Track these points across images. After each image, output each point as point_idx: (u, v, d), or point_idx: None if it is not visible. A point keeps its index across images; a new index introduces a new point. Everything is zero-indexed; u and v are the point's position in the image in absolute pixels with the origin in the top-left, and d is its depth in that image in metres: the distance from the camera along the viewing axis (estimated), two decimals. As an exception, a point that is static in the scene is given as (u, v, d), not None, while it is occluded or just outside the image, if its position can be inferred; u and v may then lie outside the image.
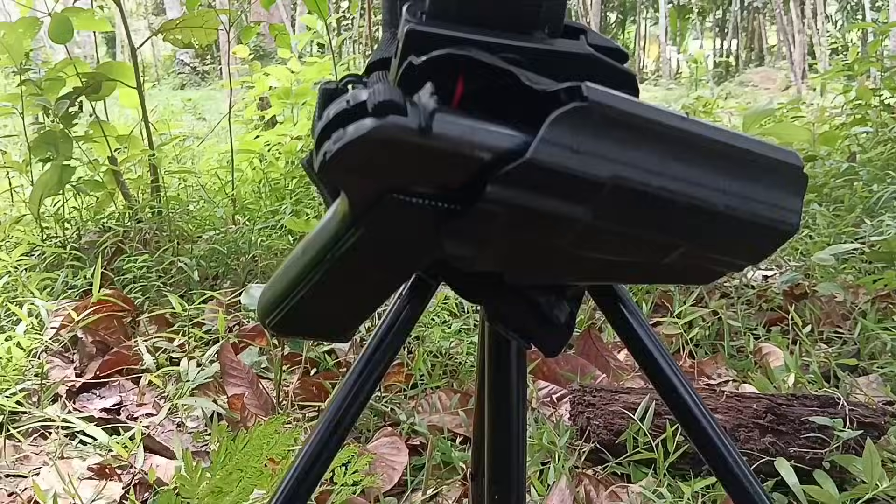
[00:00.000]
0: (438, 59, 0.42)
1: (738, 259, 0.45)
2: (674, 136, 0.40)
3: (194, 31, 2.98)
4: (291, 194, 3.40)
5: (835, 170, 3.81)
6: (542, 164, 0.38)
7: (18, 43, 2.75)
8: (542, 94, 0.41)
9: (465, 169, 0.40)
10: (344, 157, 0.39)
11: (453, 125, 0.39)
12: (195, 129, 8.06)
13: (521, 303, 0.52)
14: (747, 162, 0.42)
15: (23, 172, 2.98)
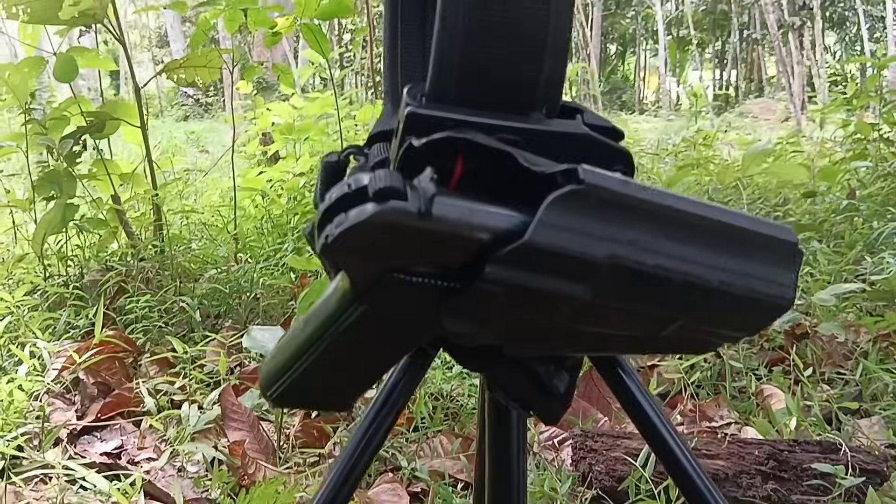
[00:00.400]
0: (438, 141, 0.43)
1: (735, 332, 0.46)
2: (668, 215, 0.41)
3: (198, 70, 3.01)
4: (293, 231, 3.41)
5: (835, 205, 3.83)
6: (540, 245, 0.39)
7: (24, 83, 2.78)
8: (539, 176, 0.42)
9: (464, 250, 0.41)
10: (345, 241, 0.40)
11: (452, 207, 0.40)
12: (198, 162, 8.11)
13: (520, 372, 0.53)
14: (741, 239, 0.43)
15: (26, 210, 2.99)
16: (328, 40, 2.75)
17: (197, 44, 2.79)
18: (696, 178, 5.09)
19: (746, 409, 2.09)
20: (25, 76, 2.82)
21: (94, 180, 3.04)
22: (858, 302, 2.69)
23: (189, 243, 3.16)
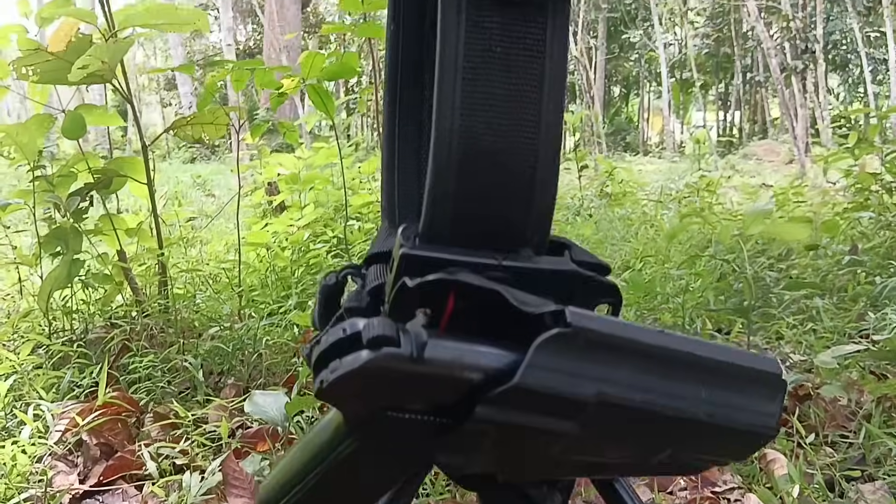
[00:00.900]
0: (430, 282, 0.45)
1: (723, 458, 0.48)
2: (654, 353, 0.42)
3: (205, 127, 3.05)
4: (297, 283, 3.43)
5: (838, 256, 3.84)
6: (530, 387, 0.40)
7: (32, 141, 2.81)
8: (528, 316, 0.43)
9: (455, 390, 0.42)
10: (340, 387, 0.41)
11: (444, 349, 0.42)
12: (204, 207, 8.16)
13: (513, 495, 0.54)
14: (727, 373, 0.44)
15: (32, 267, 3.02)
16: (333, 97, 2.79)
17: (204, 104, 2.83)
18: (699, 227, 5.11)
19: (749, 473, 2.09)
20: (34, 134, 2.85)
21: (100, 235, 3.07)
22: (862, 360, 2.69)
23: (194, 297, 3.17)
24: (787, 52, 16.46)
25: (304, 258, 3.56)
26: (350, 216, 3.97)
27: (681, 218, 5.88)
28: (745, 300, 2.81)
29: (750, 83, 26.46)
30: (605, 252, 4.64)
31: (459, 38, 0.46)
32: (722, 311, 2.91)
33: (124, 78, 2.86)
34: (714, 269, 3.37)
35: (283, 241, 3.82)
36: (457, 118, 0.46)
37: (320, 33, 17.61)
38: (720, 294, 3.23)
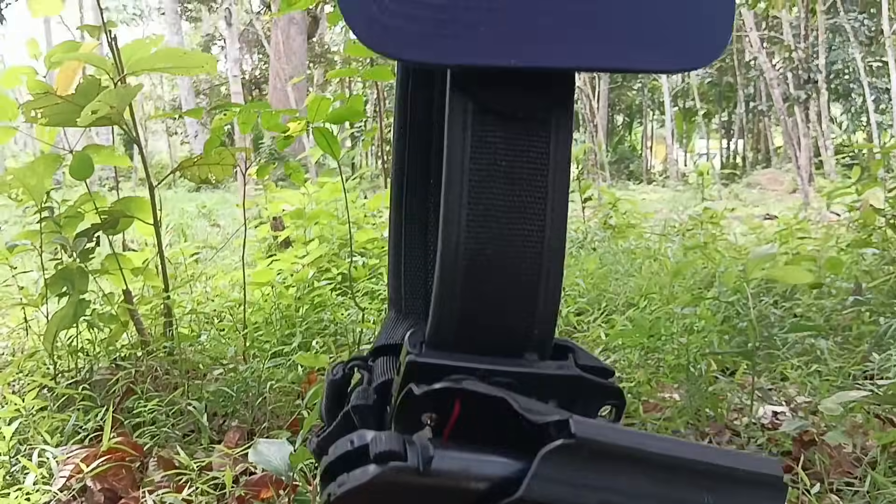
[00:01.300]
0: (436, 391, 0.46)
1: None
2: (657, 460, 0.43)
3: (211, 167, 3.08)
4: (302, 321, 3.44)
5: (842, 294, 3.84)
6: (535, 498, 0.41)
7: (39, 183, 2.84)
8: (533, 424, 0.44)
9: (462, 499, 0.43)
10: (348, 501, 0.42)
11: (450, 461, 0.43)
12: (209, 238, 8.18)
13: None
14: (728, 477, 0.45)
15: (38, 307, 3.03)
16: (338, 138, 2.81)
17: (211, 147, 2.86)
18: (703, 261, 5.11)
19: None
20: (41, 175, 2.88)
21: (105, 274, 3.08)
22: (867, 404, 2.68)
23: (198, 337, 3.18)
24: (789, 81, 16.52)
25: (309, 296, 3.57)
26: (355, 252, 3.99)
27: (685, 252, 5.90)
28: (749, 342, 2.81)
29: (753, 112, 26.56)
30: (609, 287, 4.63)
31: (465, 152, 0.47)
32: (726, 354, 2.90)
33: (132, 118, 2.89)
34: (718, 310, 3.37)
35: (288, 279, 3.84)
36: (462, 231, 0.47)
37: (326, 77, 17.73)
38: (724, 334, 3.23)
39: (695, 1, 0.47)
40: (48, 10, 3.15)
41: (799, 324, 3.10)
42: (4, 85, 3.15)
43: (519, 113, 0.47)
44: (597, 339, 3.29)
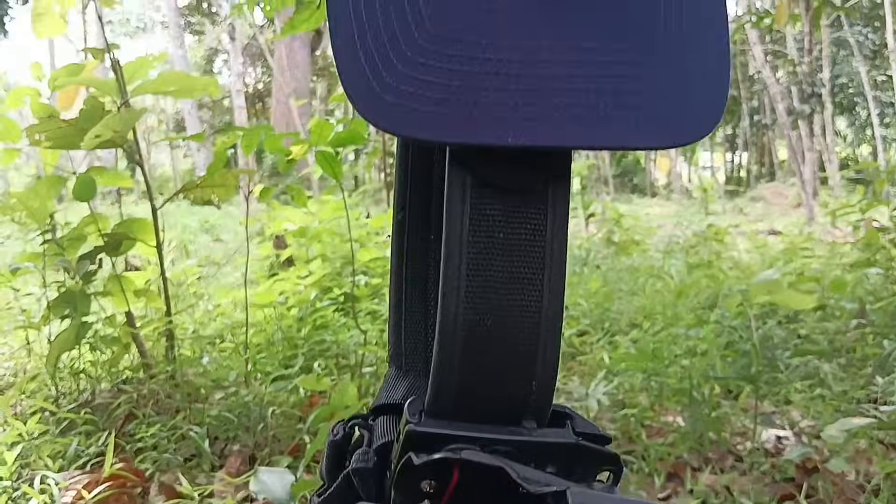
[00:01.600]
0: (435, 460, 0.46)
1: None
2: None
3: (215, 189, 3.08)
4: (304, 343, 3.44)
5: (846, 315, 3.84)
6: None
7: (42, 206, 2.85)
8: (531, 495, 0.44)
9: None
10: None
11: None
12: (212, 254, 8.20)
13: None
14: None
15: (40, 331, 3.04)
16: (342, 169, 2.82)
17: (214, 170, 2.86)
18: (707, 280, 5.11)
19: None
20: (44, 198, 2.89)
21: (108, 296, 3.09)
22: (870, 430, 2.67)
23: (200, 358, 3.18)
24: (793, 95, 16.55)
25: (312, 318, 3.57)
26: (358, 270, 3.99)
27: (689, 269, 5.90)
28: (753, 366, 2.80)
29: (757, 125, 26.58)
30: (613, 306, 4.63)
31: (464, 225, 0.47)
32: (729, 379, 2.90)
33: (135, 140, 2.90)
34: (721, 333, 3.36)
35: (291, 299, 3.84)
36: (461, 303, 0.48)
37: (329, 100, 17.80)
38: (728, 356, 3.23)
39: (689, 83, 0.48)
40: (52, 31, 3.16)
41: (802, 348, 3.09)
42: (9, 106, 3.16)
43: (517, 186, 0.47)
44: (600, 361, 3.28)
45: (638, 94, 0.46)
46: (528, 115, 0.44)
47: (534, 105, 0.44)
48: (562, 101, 0.44)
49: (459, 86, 0.45)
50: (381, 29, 0.47)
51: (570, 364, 3.40)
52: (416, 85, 0.45)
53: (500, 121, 0.44)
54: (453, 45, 0.46)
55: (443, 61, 0.45)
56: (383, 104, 0.45)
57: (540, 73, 0.45)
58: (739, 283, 5.12)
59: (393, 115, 0.45)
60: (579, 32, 0.47)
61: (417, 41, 0.46)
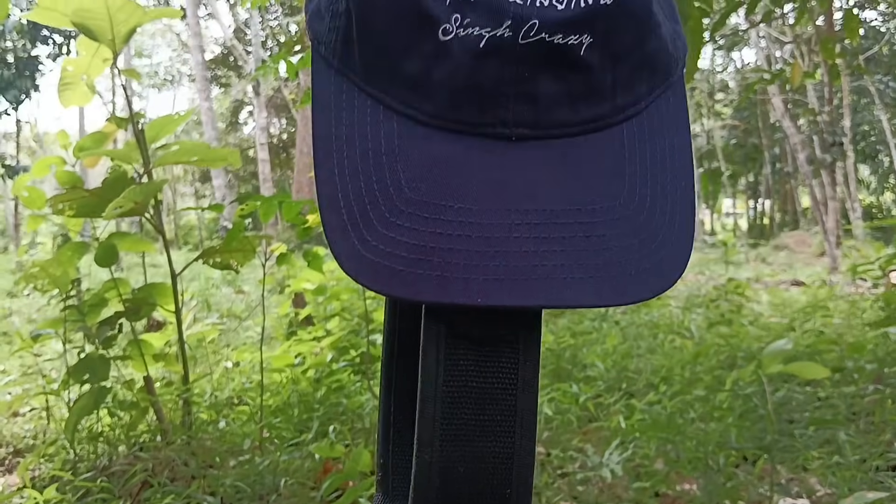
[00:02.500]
0: None
1: None
2: None
3: (234, 254, 3.13)
4: (320, 406, 3.46)
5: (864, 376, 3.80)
6: None
7: (64, 273, 2.91)
8: None
9: None
10: None
11: None
12: (233, 306, 8.26)
13: None
14: None
15: (59, 396, 3.08)
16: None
17: (232, 238, 2.92)
18: (726, 339, 5.09)
19: None
20: (66, 265, 2.95)
21: (127, 360, 3.13)
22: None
23: (217, 422, 3.21)
24: (815, 144, 16.51)
25: (328, 380, 3.60)
26: (373, 331, 4.01)
27: (708, 326, 5.87)
28: (768, 434, 2.79)
29: (779, 173, 26.50)
30: (631, 365, 4.61)
31: (438, 374, 0.50)
32: (745, 448, 2.88)
33: (156, 212, 2.96)
34: (737, 399, 3.33)
35: (308, 359, 3.86)
36: (436, 451, 0.50)
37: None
38: (745, 420, 3.21)
39: (651, 246, 0.51)
40: (79, 101, 3.25)
41: (819, 418, 3.07)
42: (35, 175, 3.25)
43: (488, 337, 0.50)
44: (615, 427, 3.27)
45: (598, 255, 0.49)
46: (496, 275, 0.47)
47: (501, 267, 0.48)
48: (527, 264, 0.48)
49: (433, 247, 0.48)
50: (362, 190, 0.51)
51: (585, 428, 3.38)
52: (394, 245, 0.48)
53: (470, 282, 0.47)
54: (428, 208, 0.50)
55: (418, 223, 0.49)
56: (363, 261, 0.48)
57: (506, 236, 0.49)
58: (759, 340, 5.10)
59: (371, 272, 0.48)
60: (545, 199, 0.50)
61: (395, 203, 0.50)
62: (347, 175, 0.51)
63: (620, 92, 0.54)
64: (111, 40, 2.91)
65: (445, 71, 0.50)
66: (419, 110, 0.52)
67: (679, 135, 0.57)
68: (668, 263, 0.51)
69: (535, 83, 0.50)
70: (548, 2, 0.49)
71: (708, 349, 4.40)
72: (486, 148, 0.51)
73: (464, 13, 0.49)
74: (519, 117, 0.51)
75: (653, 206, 0.52)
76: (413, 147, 0.52)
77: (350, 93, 0.54)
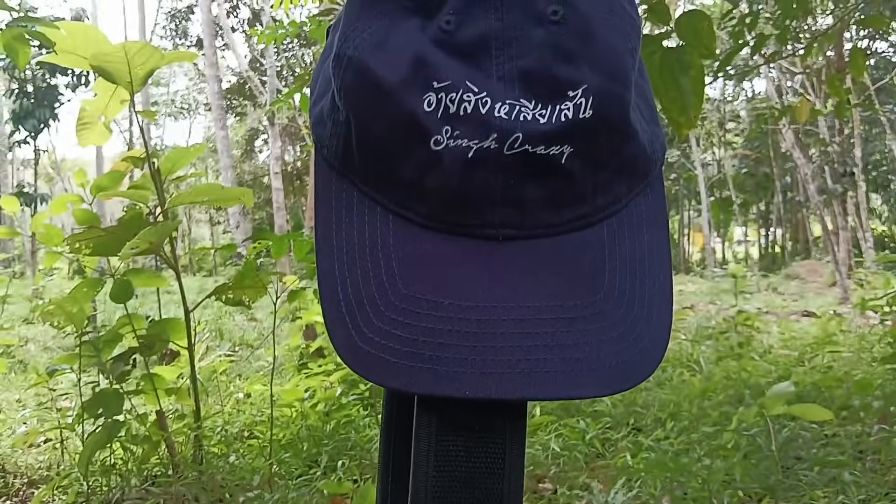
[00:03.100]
0: None
1: None
2: None
3: (246, 290, 3.19)
4: (329, 440, 3.49)
5: (871, 413, 3.80)
6: None
7: (80, 311, 2.97)
8: None
9: None
10: None
11: None
12: (245, 334, 8.31)
13: None
14: None
15: (74, 430, 3.14)
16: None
17: (244, 277, 2.98)
18: (735, 373, 5.09)
19: None
20: (81, 302, 3.01)
21: (140, 395, 3.18)
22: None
23: (227, 456, 3.25)
24: (826, 174, 16.52)
25: (337, 415, 3.64)
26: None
27: (717, 359, 5.88)
28: (773, 475, 2.81)
29: (791, 202, 26.46)
30: (639, 399, 4.63)
31: (429, 461, 0.55)
32: (749, 488, 2.89)
33: (171, 250, 3.03)
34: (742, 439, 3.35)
35: (318, 394, 3.90)
36: None
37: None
38: (750, 458, 3.22)
39: (629, 338, 0.55)
40: (97, 140, 3.33)
41: (824, 458, 3.09)
42: (52, 212, 3.32)
43: (477, 426, 0.54)
44: (622, 464, 3.29)
45: (579, 349, 0.53)
46: (484, 369, 0.52)
47: (488, 361, 0.52)
48: (512, 358, 0.52)
49: (425, 342, 0.53)
50: (360, 285, 0.56)
51: (592, 465, 3.41)
52: (388, 338, 0.53)
53: (459, 375, 0.51)
54: (420, 303, 0.54)
55: (411, 318, 0.54)
56: (360, 352, 0.53)
57: (494, 332, 0.53)
58: (768, 375, 5.11)
59: (367, 363, 0.53)
60: (529, 296, 0.55)
61: (390, 298, 0.55)
62: (347, 270, 0.56)
63: (600, 194, 0.58)
64: (129, 83, 2.99)
65: (437, 178, 0.55)
66: (414, 212, 0.56)
67: (657, 230, 0.61)
68: (646, 355, 0.55)
69: (520, 189, 0.55)
70: (531, 115, 0.53)
71: (716, 385, 4.42)
72: (475, 248, 0.56)
73: (454, 126, 0.53)
74: (506, 220, 0.55)
75: (631, 300, 0.56)
76: (407, 246, 0.56)
77: (350, 192, 0.59)
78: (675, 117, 2.27)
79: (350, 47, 0.57)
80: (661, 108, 2.23)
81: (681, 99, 2.21)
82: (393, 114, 0.55)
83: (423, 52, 0.54)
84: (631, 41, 0.58)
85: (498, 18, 0.54)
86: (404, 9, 0.56)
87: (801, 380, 4.56)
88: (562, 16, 0.54)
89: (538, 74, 0.53)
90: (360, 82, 0.56)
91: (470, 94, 0.53)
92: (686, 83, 2.19)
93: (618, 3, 0.58)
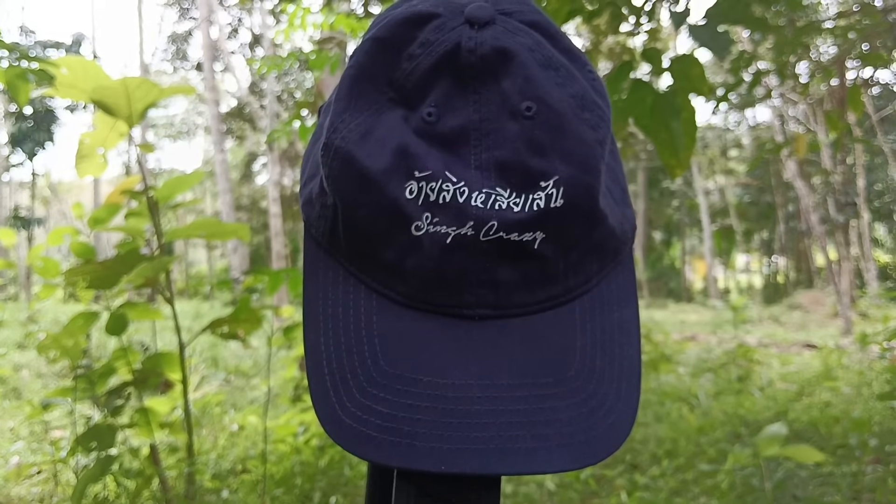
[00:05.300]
0: None
1: None
2: None
3: (241, 323, 3.19)
4: (323, 475, 3.48)
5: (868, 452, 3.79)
6: None
7: (76, 344, 2.97)
8: None
9: None
10: None
11: None
12: (241, 363, 8.30)
13: None
14: None
15: (67, 464, 3.13)
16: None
17: (240, 313, 2.98)
18: (731, 411, 5.08)
19: None
20: (76, 335, 3.01)
21: (134, 428, 3.18)
22: None
23: (220, 491, 3.24)
24: (829, 203, 16.54)
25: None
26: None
27: (716, 394, 5.87)
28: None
29: (793, 231, 26.48)
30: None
31: None
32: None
33: (167, 283, 3.03)
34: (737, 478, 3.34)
35: (312, 428, 3.89)
36: None
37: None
38: (746, 499, 3.21)
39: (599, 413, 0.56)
40: (94, 172, 3.34)
41: (819, 498, 3.07)
42: (49, 244, 3.33)
43: (453, 498, 0.56)
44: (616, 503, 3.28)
45: (550, 426, 0.55)
46: (458, 444, 0.53)
47: (463, 437, 0.54)
48: (486, 434, 0.54)
49: (403, 417, 0.54)
50: (344, 361, 0.58)
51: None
52: (369, 412, 0.55)
53: (435, 450, 0.53)
54: (400, 380, 0.56)
55: (390, 394, 0.56)
56: (343, 426, 0.55)
57: (469, 408, 0.55)
58: (767, 411, 5.09)
59: (349, 437, 0.55)
60: (503, 373, 0.57)
61: (372, 374, 0.57)
62: (332, 346, 0.58)
63: (572, 274, 0.60)
64: (128, 116, 3.01)
65: (417, 261, 0.57)
66: (395, 291, 0.59)
67: (627, 306, 0.63)
68: (615, 429, 0.56)
69: (495, 272, 0.57)
70: (506, 204, 0.56)
71: (714, 421, 4.41)
72: (452, 326, 0.58)
73: (433, 213, 0.56)
74: (481, 300, 0.58)
75: (601, 376, 0.58)
76: (388, 323, 0.58)
77: (336, 270, 0.61)
78: (667, 160, 2.29)
79: (338, 138, 0.59)
80: (654, 149, 2.24)
81: (672, 142, 2.22)
82: (377, 200, 0.57)
83: (406, 143, 0.57)
84: (600, 132, 0.59)
85: (476, 111, 0.56)
86: (389, 100, 0.59)
87: (799, 417, 4.55)
88: (535, 111, 0.56)
89: (513, 165, 0.56)
90: (347, 171, 0.59)
91: (448, 183, 0.55)
92: (677, 127, 2.20)
93: (588, 98, 0.60)
